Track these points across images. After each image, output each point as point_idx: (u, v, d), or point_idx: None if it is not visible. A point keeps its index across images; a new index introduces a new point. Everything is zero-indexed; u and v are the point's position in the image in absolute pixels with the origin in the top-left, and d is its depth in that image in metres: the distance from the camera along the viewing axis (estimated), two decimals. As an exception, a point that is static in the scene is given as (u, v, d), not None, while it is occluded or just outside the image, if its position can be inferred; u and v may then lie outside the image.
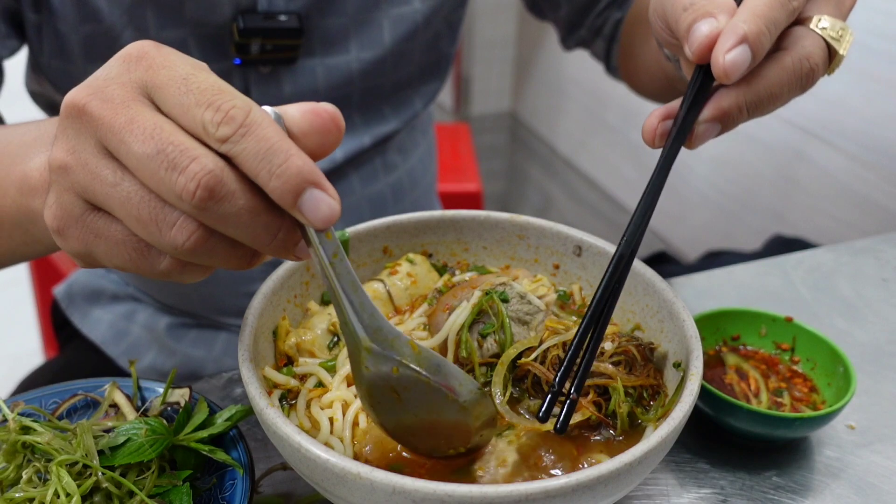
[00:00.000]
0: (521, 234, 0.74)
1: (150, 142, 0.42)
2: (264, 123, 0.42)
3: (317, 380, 0.62)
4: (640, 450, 0.49)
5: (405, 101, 1.05)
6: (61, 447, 0.56)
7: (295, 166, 0.42)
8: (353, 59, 0.96)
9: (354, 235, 0.72)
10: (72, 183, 0.46)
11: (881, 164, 1.47)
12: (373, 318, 0.50)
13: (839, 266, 1.02)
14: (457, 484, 0.46)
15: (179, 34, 0.87)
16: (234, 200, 0.43)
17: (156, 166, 0.42)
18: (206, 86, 0.43)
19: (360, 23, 0.95)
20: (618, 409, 0.58)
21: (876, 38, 1.43)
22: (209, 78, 0.44)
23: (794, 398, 0.74)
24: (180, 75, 0.44)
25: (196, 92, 0.43)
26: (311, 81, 0.95)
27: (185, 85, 0.43)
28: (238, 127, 0.42)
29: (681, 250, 2.13)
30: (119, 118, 0.43)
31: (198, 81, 0.43)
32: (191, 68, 0.44)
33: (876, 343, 0.88)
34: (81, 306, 1.12)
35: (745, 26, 0.52)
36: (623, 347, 0.60)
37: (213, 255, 0.45)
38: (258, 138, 0.42)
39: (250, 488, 0.57)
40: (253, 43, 0.88)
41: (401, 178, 1.09)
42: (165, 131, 0.43)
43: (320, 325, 0.66)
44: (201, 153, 0.42)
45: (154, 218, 0.44)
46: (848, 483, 0.69)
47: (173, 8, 0.86)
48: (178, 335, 1.06)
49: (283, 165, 0.42)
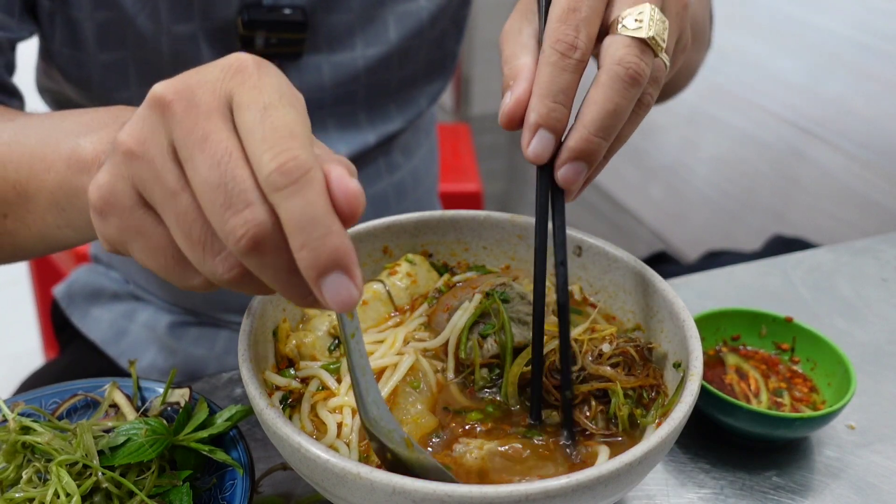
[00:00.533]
0: (521, 234, 0.74)
1: (217, 169, 0.42)
2: (317, 188, 0.41)
3: (319, 383, 0.62)
4: (640, 450, 0.49)
5: (410, 100, 1.05)
6: (61, 447, 0.56)
7: (331, 245, 0.41)
8: (358, 56, 0.96)
9: (354, 235, 0.71)
10: (132, 172, 0.45)
11: (881, 164, 1.47)
12: (375, 406, 0.51)
13: (839, 266, 1.02)
14: (457, 484, 0.46)
15: (190, 28, 0.88)
16: (276, 256, 0.42)
17: (214, 197, 0.42)
18: (281, 124, 0.42)
19: (366, 19, 0.95)
20: (618, 411, 0.58)
21: (876, 38, 1.43)
22: (288, 115, 0.42)
23: (795, 398, 0.74)
24: (264, 102, 0.43)
25: (269, 128, 0.42)
26: (317, 78, 0.96)
27: (262, 115, 0.42)
28: (290, 183, 0.40)
29: (681, 250, 2.13)
30: (197, 130, 0.43)
31: (276, 116, 0.42)
32: (277, 98, 0.43)
33: (876, 343, 0.88)
34: (81, 306, 1.12)
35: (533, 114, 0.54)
36: (621, 349, 0.60)
37: (246, 287, 0.46)
38: (306, 202, 0.40)
39: (250, 488, 0.57)
40: (257, 36, 0.88)
41: (403, 178, 1.09)
42: (233, 161, 0.42)
43: (321, 327, 0.66)
44: (255, 200, 0.41)
45: (203, 241, 0.43)
46: (848, 483, 0.69)
47: (183, 2, 0.86)
48: (179, 334, 1.06)
49: (320, 241, 0.40)
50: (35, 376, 1.10)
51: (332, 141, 1.00)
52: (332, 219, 0.41)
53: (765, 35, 1.70)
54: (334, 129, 1.00)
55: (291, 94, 0.44)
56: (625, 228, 2.40)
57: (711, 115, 1.91)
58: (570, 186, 0.56)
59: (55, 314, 1.19)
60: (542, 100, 0.54)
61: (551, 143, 0.55)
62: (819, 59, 1.57)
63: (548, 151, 0.55)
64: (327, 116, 1.00)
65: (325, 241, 0.40)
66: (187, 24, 0.88)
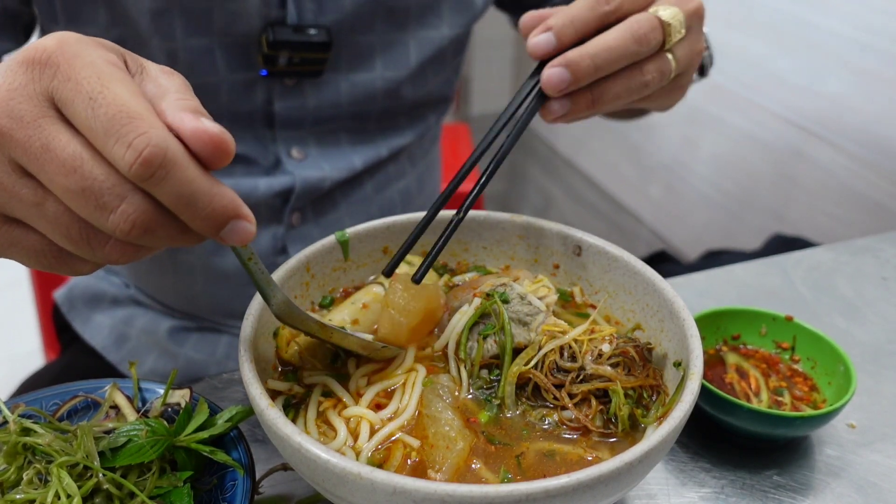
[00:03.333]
0: (521, 234, 0.74)
1: (73, 176, 0.41)
2: (182, 163, 0.41)
3: (322, 388, 0.62)
4: (640, 449, 0.49)
5: (421, 117, 1.07)
6: (62, 448, 0.56)
7: (218, 207, 0.43)
8: (377, 77, 0.97)
9: (354, 236, 0.71)
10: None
11: (881, 163, 1.47)
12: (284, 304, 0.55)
13: (839, 265, 1.02)
14: (457, 484, 0.46)
15: (206, 42, 0.88)
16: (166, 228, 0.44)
17: (83, 202, 0.42)
18: (115, 110, 0.41)
19: (388, 42, 0.96)
20: (618, 411, 0.58)
21: (876, 37, 1.43)
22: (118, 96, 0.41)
23: (795, 397, 0.74)
24: (87, 93, 0.41)
25: (103, 118, 0.41)
26: (335, 96, 0.96)
27: (91, 106, 0.41)
28: (155, 170, 0.41)
29: (681, 250, 2.13)
30: (34, 142, 0.42)
31: (105, 102, 0.41)
32: (97, 82, 0.42)
33: (876, 342, 0.88)
34: (82, 311, 1.12)
35: (551, 20, 0.66)
36: (621, 349, 0.60)
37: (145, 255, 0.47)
38: (180, 182, 0.41)
39: (251, 489, 0.57)
40: (281, 55, 0.88)
41: (409, 185, 1.11)
42: (86, 164, 0.42)
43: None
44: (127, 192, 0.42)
45: (85, 238, 0.44)
46: (848, 482, 0.69)
47: (202, 17, 0.86)
48: (179, 339, 1.06)
49: (206, 209, 0.42)
50: (35, 377, 1.10)
51: (346, 153, 1.01)
52: (208, 184, 0.43)
53: (765, 34, 1.70)
54: (347, 143, 1.02)
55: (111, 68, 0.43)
56: (625, 228, 2.40)
57: (711, 115, 1.91)
58: (548, 87, 0.65)
59: (56, 316, 1.19)
60: (562, 18, 0.65)
61: (551, 45, 0.65)
62: (819, 59, 1.57)
63: (542, 49, 0.65)
64: (341, 131, 1.01)
65: (212, 207, 0.43)
66: (202, 38, 0.87)
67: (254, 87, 0.92)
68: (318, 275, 0.70)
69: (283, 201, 0.99)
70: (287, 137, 0.97)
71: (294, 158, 0.98)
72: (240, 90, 0.92)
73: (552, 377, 0.60)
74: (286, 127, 0.96)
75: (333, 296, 0.72)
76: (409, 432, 0.58)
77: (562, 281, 0.74)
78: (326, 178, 0.99)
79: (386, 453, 0.56)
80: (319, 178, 0.98)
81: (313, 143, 0.99)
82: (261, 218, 1.00)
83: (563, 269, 0.74)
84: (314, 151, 0.99)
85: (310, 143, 0.99)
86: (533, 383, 0.60)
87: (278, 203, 0.99)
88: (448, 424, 0.57)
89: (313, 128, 0.98)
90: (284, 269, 0.66)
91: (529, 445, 0.57)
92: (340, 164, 1.00)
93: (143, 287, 1.09)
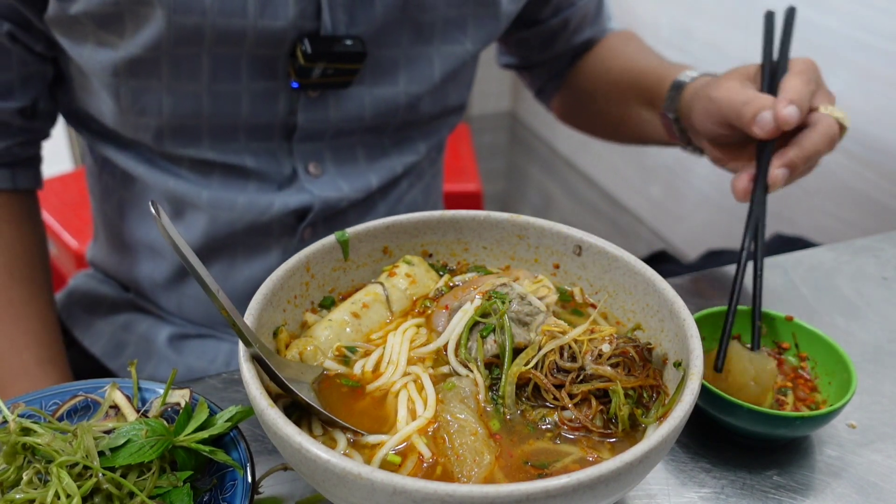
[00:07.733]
0: (521, 234, 0.74)
1: None
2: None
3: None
4: (640, 449, 0.49)
5: (434, 131, 1.08)
6: (62, 448, 0.56)
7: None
8: (401, 91, 0.97)
9: (354, 236, 0.71)
10: None
11: (882, 163, 1.47)
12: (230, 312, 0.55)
13: (839, 265, 1.02)
14: (457, 484, 0.46)
15: (233, 52, 0.87)
16: None
17: None
18: None
19: (412, 56, 0.97)
20: (618, 411, 0.58)
21: (876, 37, 1.43)
22: None
23: (798, 398, 0.73)
24: None
25: None
26: (358, 109, 0.96)
27: None
28: None
29: (681, 250, 2.13)
30: None
31: None
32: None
33: (876, 342, 0.88)
34: (81, 317, 1.11)
35: (790, 94, 0.81)
36: (621, 349, 0.60)
37: None
38: None
39: (251, 489, 0.57)
40: (316, 67, 0.88)
41: (416, 197, 1.12)
42: None
43: (323, 333, 0.66)
44: None
45: None
46: (849, 482, 0.69)
47: (235, 28, 0.85)
48: (179, 347, 1.06)
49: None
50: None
51: (363, 171, 1.02)
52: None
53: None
54: (364, 159, 1.02)
55: None
56: (625, 228, 2.40)
57: (711, 115, 1.91)
58: (776, 181, 0.82)
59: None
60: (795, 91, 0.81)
61: (796, 114, 0.79)
62: (819, 59, 1.57)
63: (794, 119, 0.79)
64: (357, 145, 1.01)
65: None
66: (231, 47, 0.86)
67: (276, 97, 0.92)
68: (318, 275, 0.70)
69: (298, 218, 1.00)
70: (304, 151, 0.98)
71: (311, 174, 0.99)
72: (261, 100, 0.91)
73: (552, 377, 0.60)
74: (305, 139, 0.97)
75: (333, 296, 0.72)
76: (431, 437, 0.57)
77: (562, 281, 0.74)
78: (344, 199, 1.00)
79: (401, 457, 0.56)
80: (338, 199, 0.99)
81: (329, 157, 1.00)
82: (273, 232, 1.00)
83: (563, 269, 0.74)
84: (331, 167, 1.00)
85: (326, 157, 0.99)
86: (533, 383, 0.60)
87: (293, 220, 1.00)
88: (473, 434, 0.57)
89: (332, 141, 0.98)
90: (284, 268, 0.66)
91: (529, 445, 0.57)
92: (357, 185, 1.01)
93: (143, 292, 1.09)
